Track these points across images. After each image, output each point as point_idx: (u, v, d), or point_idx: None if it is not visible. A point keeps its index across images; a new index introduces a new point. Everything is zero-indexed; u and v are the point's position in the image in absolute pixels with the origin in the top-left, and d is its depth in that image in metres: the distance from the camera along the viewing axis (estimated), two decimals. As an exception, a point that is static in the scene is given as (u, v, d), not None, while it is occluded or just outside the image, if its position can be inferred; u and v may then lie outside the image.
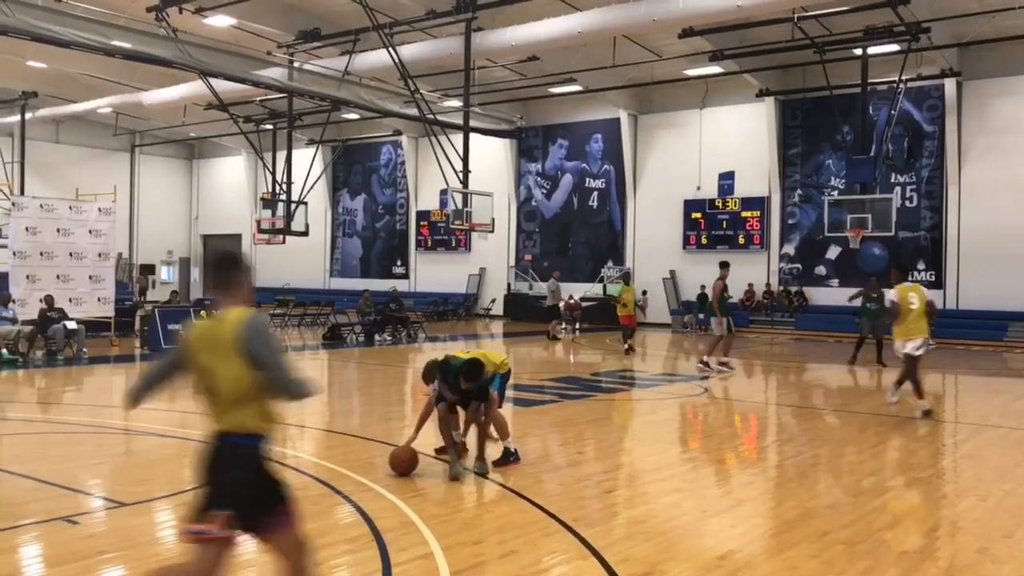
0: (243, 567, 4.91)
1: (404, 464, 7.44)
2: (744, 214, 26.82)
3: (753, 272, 26.50)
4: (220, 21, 23.14)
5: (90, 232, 18.04)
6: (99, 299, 18.10)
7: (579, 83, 26.70)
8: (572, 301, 23.88)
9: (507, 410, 11.70)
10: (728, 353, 16.17)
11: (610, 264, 29.46)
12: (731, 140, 27.19)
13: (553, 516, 6.20)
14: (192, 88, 26.52)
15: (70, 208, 18.04)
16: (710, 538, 5.92)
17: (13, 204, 17.72)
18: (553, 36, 21.10)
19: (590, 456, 8.73)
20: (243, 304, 3.71)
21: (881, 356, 16.87)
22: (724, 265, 16.19)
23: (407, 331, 21.82)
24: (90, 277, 17.89)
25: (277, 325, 22.76)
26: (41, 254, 17.19)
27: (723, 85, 26.42)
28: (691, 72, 25.27)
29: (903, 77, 21.43)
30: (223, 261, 3.87)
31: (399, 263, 35.14)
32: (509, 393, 12.90)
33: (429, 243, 34.10)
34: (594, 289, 28.99)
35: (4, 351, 15.37)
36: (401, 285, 32.61)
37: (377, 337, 21.28)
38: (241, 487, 3.53)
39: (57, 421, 10.40)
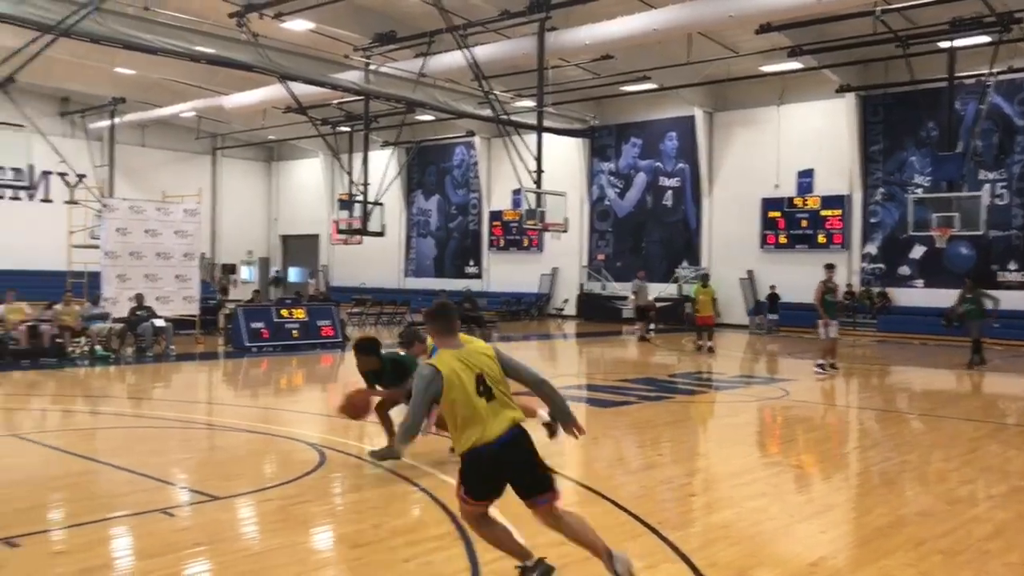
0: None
1: (355, 409, 7.47)
2: (824, 213, 26.21)
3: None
4: (299, 25, 23.58)
5: (176, 233, 18.58)
6: (185, 298, 18.64)
7: (653, 81, 26.45)
8: (647, 301, 23.68)
9: (583, 410, 11.69)
10: (830, 356, 15.73)
11: (685, 264, 29.12)
12: (810, 137, 26.61)
13: (637, 518, 6.14)
14: (271, 92, 27.08)
15: (157, 209, 18.63)
16: (799, 544, 5.79)
17: (105, 206, 18.37)
18: (627, 34, 20.94)
19: (670, 458, 8.63)
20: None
21: (975, 360, 16.35)
22: (828, 267, 15.88)
23: (481, 330, 21.94)
24: (176, 276, 18.43)
25: (354, 324, 23.08)
26: (130, 254, 17.78)
27: (801, 81, 25.86)
28: (768, 68, 24.81)
29: (993, 70, 20.65)
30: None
31: (472, 263, 35.34)
32: (584, 394, 12.90)
33: (501, 243, 34.21)
34: (668, 289, 28.69)
35: (98, 348, 15.96)
36: (474, 285, 32.80)
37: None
38: None
39: (147, 416, 10.74)
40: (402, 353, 8.12)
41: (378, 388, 7.94)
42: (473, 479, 4.60)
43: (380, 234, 28.56)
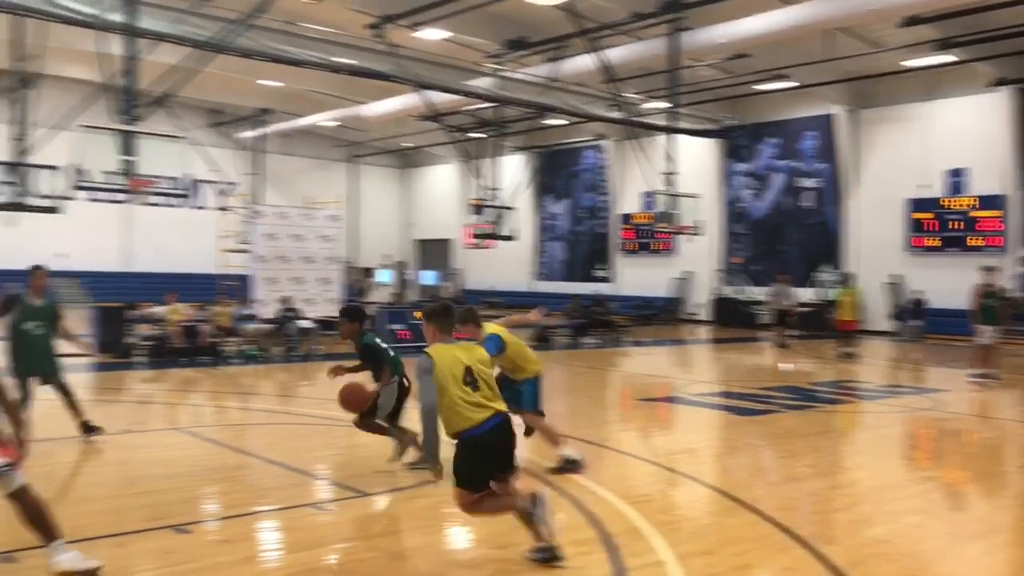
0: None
1: (353, 401, 7.42)
2: (978, 214, 24.72)
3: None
4: (433, 34, 24.12)
5: (319, 237, 19.35)
6: (328, 300, 19.38)
7: (790, 79, 25.64)
8: (786, 306, 22.94)
9: (720, 418, 11.46)
10: (987, 365, 14.77)
11: (825, 267, 28.07)
12: (961, 134, 25.14)
13: (785, 530, 5.96)
14: (407, 100, 27.82)
15: (302, 215, 19.45)
16: (964, 565, 5.48)
17: (255, 212, 19.33)
18: (763, 31, 20.39)
19: (815, 470, 8.33)
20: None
21: None
22: (987, 269, 14.92)
23: (613, 334, 21.82)
24: (320, 279, 19.19)
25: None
26: (278, 258, 18.64)
27: (951, 75, 24.47)
28: (914, 63, 23.61)
29: None
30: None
31: (602, 266, 35.22)
32: (721, 401, 12.63)
33: (632, 246, 33.94)
34: (807, 294, 27.73)
35: (249, 347, 16.81)
36: (604, 288, 32.67)
37: (583, 340, 21.42)
38: None
39: (295, 413, 11.21)
40: (379, 340, 7.82)
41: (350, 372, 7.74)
42: (466, 468, 5.02)
43: (512, 238, 28.85)
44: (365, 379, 7.64)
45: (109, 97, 18.32)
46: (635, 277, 33.68)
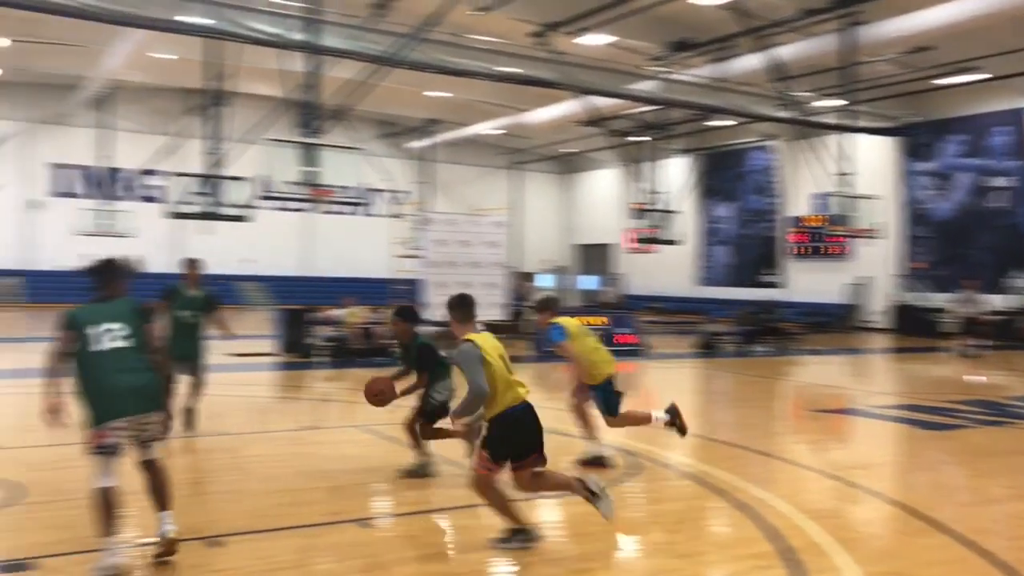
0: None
1: (377, 394, 7.38)
2: None
3: None
4: (596, 40, 24.17)
5: (486, 243, 19.79)
6: (493, 304, 19.79)
7: (979, 71, 23.95)
8: (974, 314, 21.45)
9: (903, 432, 10.83)
10: None
11: (1018, 272, 26.04)
12: None
13: (986, 555, 5.58)
14: (569, 106, 27.98)
15: (469, 222, 19.97)
16: None
17: (426, 219, 20.02)
18: (948, 22, 19.16)
19: (1017, 491, 7.71)
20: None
21: None
22: None
23: (783, 342, 21.09)
24: (486, 284, 19.62)
25: (650, 332, 23.11)
26: (447, 263, 19.22)
27: None
28: None
29: None
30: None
31: (770, 271, 34.11)
32: (904, 414, 11.93)
33: (802, 250, 32.68)
34: (997, 301, 25.79)
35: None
36: (772, 294, 31.62)
37: (752, 348, 20.82)
38: None
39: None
40: (435, 345, 7.70)
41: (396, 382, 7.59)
42: (499, 441, 5.45)
43: (675, 242, 28.46)
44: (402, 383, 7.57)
45: (292, 112, 19.50)
46: (806, 282, 32.40)
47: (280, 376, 15.24)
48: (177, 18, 17.23)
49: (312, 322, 17.86)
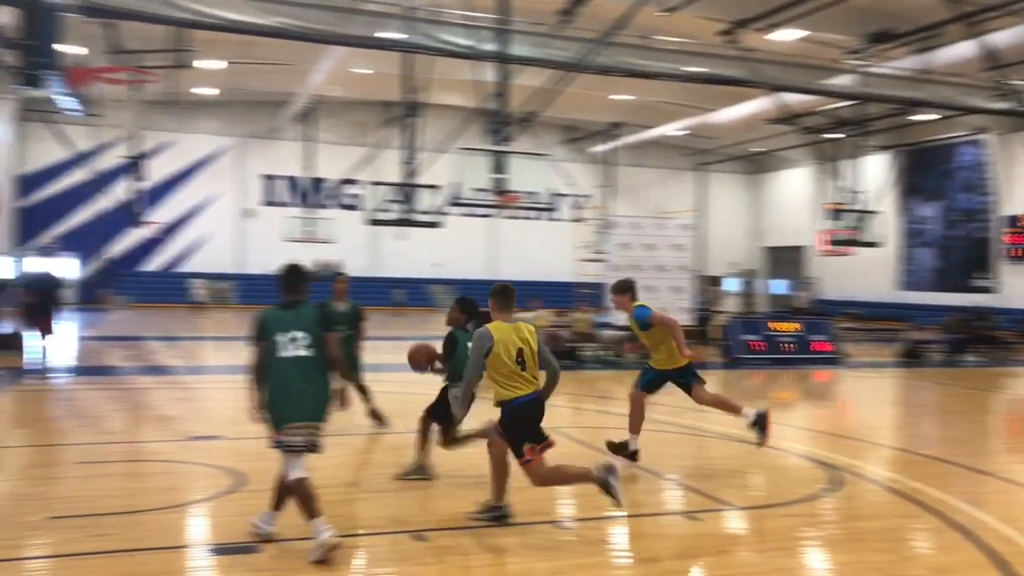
0: None
1: (410, 357, 7.33)
2: None
3: None
4: (788, 35, 23.31)
5: (671, 247, 19.53)
6: (680, 309, 19.49)
7: None
8: None
9: None
10: None
11: None
12: None
13: None
14: (758, 104, 27.16)
15: (655, 225, 19.77)
16: None
17: (609, 223, 20.02)
18: None
19: None
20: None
21: None
22: None
23: (998, 352, 19.50)
24: (672, 288, 19.37)
25: (847, 339, 22.00)
26: (632, 267, 19.11)
27: None
28: None
29: None
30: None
31: (982, 275, 31.56)
32: None
33: (1020, 252, 30.02)
34: None
35: (606, 353, 17.46)
36: (983, 299, 29.27)
37: (962, 358, 19.37)
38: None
39: (650, 419, 11.35)
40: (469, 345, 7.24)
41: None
42: (519, 425, 5.90)
43: (875, 244, 26.96)
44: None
45: (482, 120, 20.07)
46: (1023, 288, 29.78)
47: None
48: (377, 34, 18.15)
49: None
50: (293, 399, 5.38)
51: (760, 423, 7.81)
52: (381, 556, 5.55)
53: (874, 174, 32.30)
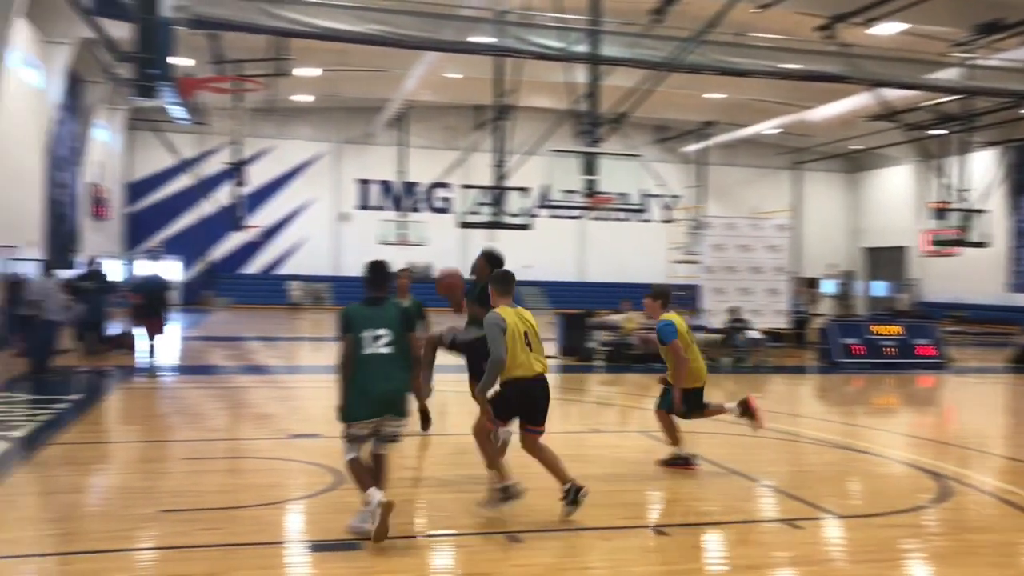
0: None
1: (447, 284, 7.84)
2: None
3: None
4: (889, 28, 22.53)
5: (767, 248, 19.11)
6: (776, 311, 19.08)
7: None
8: None
9: None
10: None
11: None
12: None
13: None
14: (857, 101, 26.33)
15: (750, 226, 19.39)
16: None
17: (703, 224, 19.72)
18: None
19: None
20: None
21: None
22: None
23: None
24: (767, 290, 18.95)
25: (952, 343, 21.08)
26: (725, 268, 18.80)
27: None
28: None
29: None
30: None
31: (1099, 276, 29.90)
32: None
33: None
34: None
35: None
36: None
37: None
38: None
39: (744, 424, 11.11)
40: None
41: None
42: (504, 404, 6.13)
43: (983, 244, 25.81)
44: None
45: (571, 122, 20.00)
46: None
47: (560, 379, 15.67)
48: (470, 39, 18.31)
49: (590, 327, 18.20)
50: (366, 398, 5.57)
51: (745, 410, 7.94)
52: (474, 556, 5.57)
53: (981, 171, 30.91)
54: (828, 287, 39.77)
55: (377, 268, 5.96)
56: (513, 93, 22.94)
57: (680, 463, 7.90)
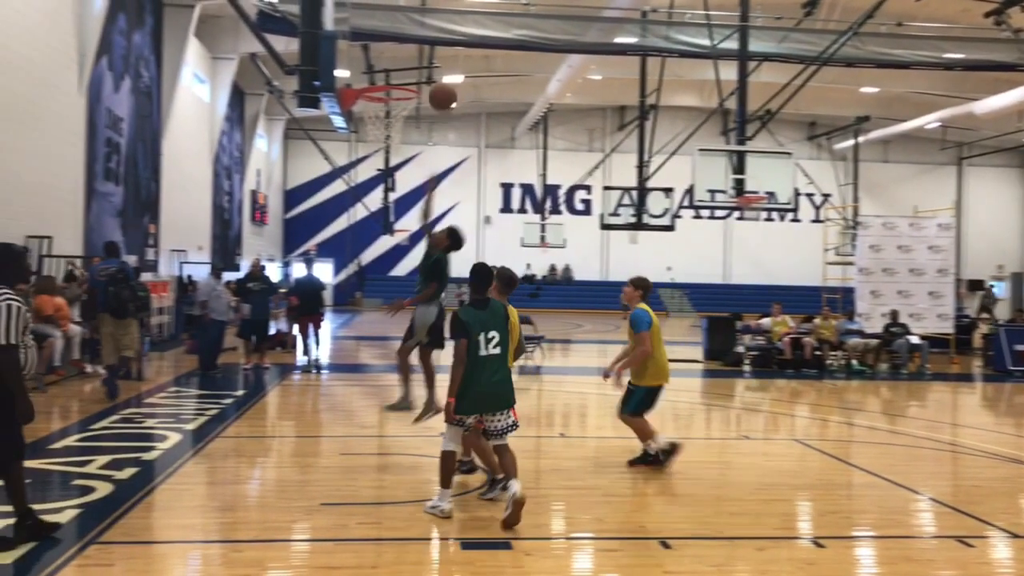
0: None
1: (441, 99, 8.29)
2: None
3: None
4: (1069, 11, 20.85)
5: (929, 248, 18.08)
6: (939, 315, 18.01)
7: None
8: None
9: None
10: None
11: None
12: None
13: None
14: (1030, 90, 24.56)
15: (910, 225, 18.39)
16: None
17: (858, 224, 18.84)
18: None
19: None
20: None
21: None
22: None
23: None
24: (929, 293, 17.93)
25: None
26: (883, 270, 17.89)
27: None
28: None
29: None
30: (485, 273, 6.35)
31: None
32: None
33: None
34: None
35: (854, 362, 16.43)
36: None
37: None
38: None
39: (903, 433, 10.53)
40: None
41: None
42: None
43: None
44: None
45: (715, 120, 19.54)
46: None
47: (705, 384, 15.33)
48: (617, 40, 18.21)
49: (738, 331, 17.73)
50: (478, 395, 5.99)
51: (659, 456, 7.70)
52: (623, 561, 5.51)
53: None
54: (998, 289, 37.25)
55: (481, 271, 6.29)
56: (656, 92, 22.65)
57: (651, 460, 7.78)
